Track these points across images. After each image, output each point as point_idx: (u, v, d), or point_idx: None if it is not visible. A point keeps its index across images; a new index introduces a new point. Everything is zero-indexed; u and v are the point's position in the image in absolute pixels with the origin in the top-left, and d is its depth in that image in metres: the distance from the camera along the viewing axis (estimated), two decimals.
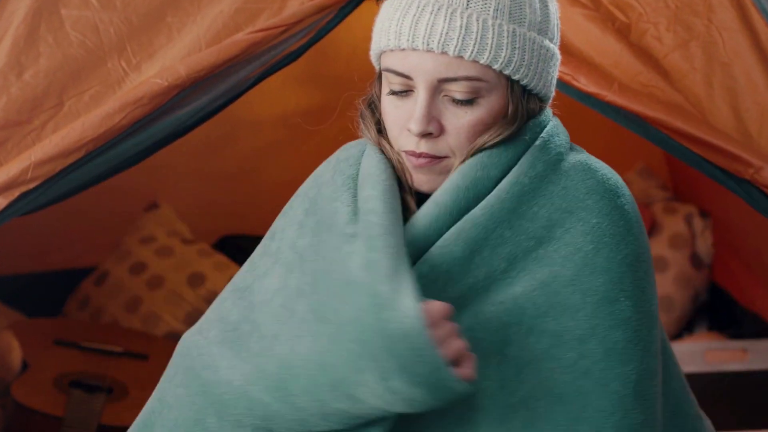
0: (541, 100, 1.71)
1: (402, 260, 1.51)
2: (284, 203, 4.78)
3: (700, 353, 3.22)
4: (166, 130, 2.16)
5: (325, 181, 1.73)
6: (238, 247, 4.07)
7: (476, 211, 1.62)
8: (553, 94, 1.73)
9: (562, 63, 2.16)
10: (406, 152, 1.65)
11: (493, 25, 1.59)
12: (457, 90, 1.60)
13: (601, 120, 3.59)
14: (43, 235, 3.73)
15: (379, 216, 1.57)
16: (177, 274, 3.85)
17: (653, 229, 3.97)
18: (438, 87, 1.61)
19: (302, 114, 3.93)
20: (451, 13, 1.59)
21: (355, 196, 1.66)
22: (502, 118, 1.65)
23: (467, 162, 1.65)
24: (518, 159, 1.67)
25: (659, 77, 2.21)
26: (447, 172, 1.65)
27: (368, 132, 1.72)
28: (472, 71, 1.60)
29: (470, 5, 1.60)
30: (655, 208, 4.05)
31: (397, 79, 1.62)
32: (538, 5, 1.66)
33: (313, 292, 1.57)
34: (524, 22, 1.63)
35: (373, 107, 1.73)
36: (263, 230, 4.34)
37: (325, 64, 3.61)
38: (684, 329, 3.89)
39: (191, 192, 4.07)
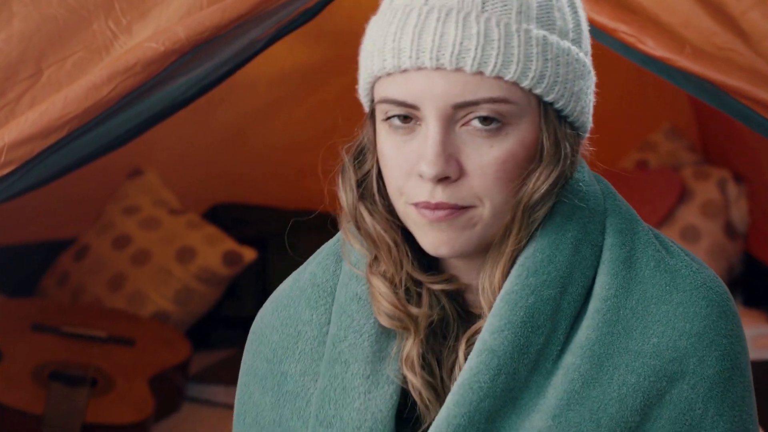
0: (578, 134, 1.40)
1: None
2: (280, 169, 4.65)
3: (750, 339, 3.01)
4: (163, 102, 2.02)
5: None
6: (231, 218, 3.99)
7: (575, 361, 1.34)
8: (590, 125, 1.42)
9: (626, 22, 2.00)
10: (417, 206, 1.33)
11: (518, 31, 1.30)
12: (478, 117, 1.30)
13: (624, 75, 3.42)
14: (14, 204, 3.50)
15: None
16: (164, 248, 3.74)
17: (684, 195, 3.84)
18: (453, 116, 1.30)
19: (300, 72, 3.83)
20: (464, 17, 1.29)
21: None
22: (539, 154, 1.35)
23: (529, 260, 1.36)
24: (579, 240, 1.38)
25: (737, 39, 2.02)
26: (473, 226, 1.33)
27: (344, 194, 1.41)
28: (496, 91, 1.29)
29: (486, 7, 1.30)
30: (685, 173, 3.93)
31: (398, 111, 1.32)
32: (567, 10, 1.37)
33: None
34: (554, 28, 1.34)
35: (361, 160, 1.42)
36: (258, 198, 4.25)
37: (325, 18, 3.38)
38: None
39: (178, 157, 3.95)
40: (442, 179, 1.30)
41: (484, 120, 1.29)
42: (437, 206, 1.31)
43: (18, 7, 1.98)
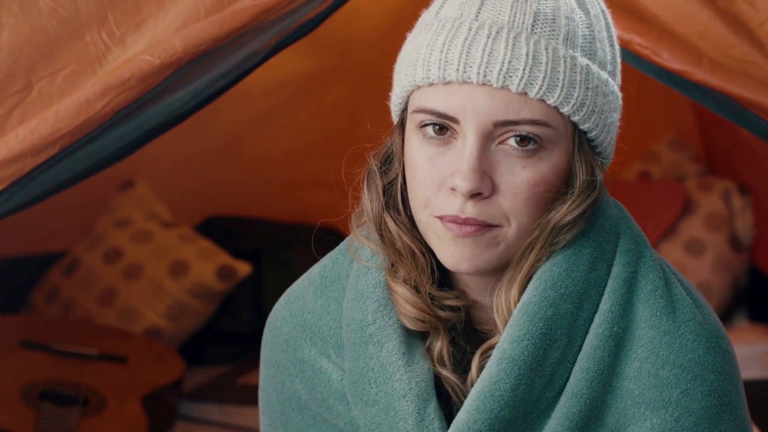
0: (602, 164, 1.44)
1: None
2: (276, 179, 4.60)
3: (759, 357, 3.04)
4: (159, 118, 1.98)
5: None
6: (225, 230, 3.95)
7: (571, 382, 1.37)
8: (612, 157, 1.47)
9: (640, 34, 1.98)
10: (442, 219, 1.36)
11: (564, 57, 1.33)
12: (517, 137, 1.33)
13: (625, 84, 3.36)
14: None
15: None
16: (157, 262, 3.70)
17: (688, 208, 3.81)
18: (492, 133, 1.33)
19: (296, 81, 3.80)
20: (514, 37, 1.32)
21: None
22: (571, 182, 1.38)
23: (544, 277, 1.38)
24: (592, 265, 1.40)
25: (755, 51, 1.98)
26: (496, 245, 1.36)
27: (370, 201, 1.44)
28: (537, 113, 1.32)
29: (536, 29, 1.34)
30: (688, 184, 3.89)
31: (435, 121, 1.35)
32: (607, 43, 1.41)
33: None
34: (596, 58, 1.37)
35: (387, 168, 1.46)
36: (253, 210, 4.21)
37: (323, 26, 3.34)
38: (722, 319, 3.63)
39: (171, 168, 3.91)
40: (474, 195, 1.32)
41: (522, 140, 1.32)
42: (465, 221, 1.33)
43: (7, 18, 1.94)
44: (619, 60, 1.43)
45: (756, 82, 1.93)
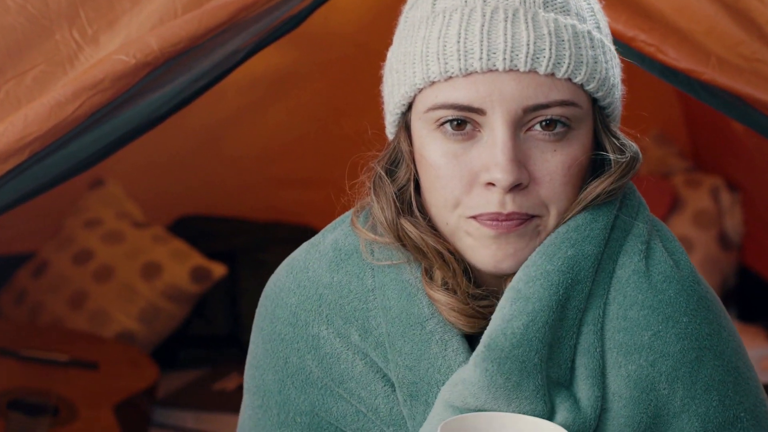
0: None
1: None
2: (251, 178, 4.53)
3: (755, 361, 2.96)
4: (135, 120, 1.96)
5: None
6: (199, 230, 3.95)
7: (587, 337, 1.35)
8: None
9: (645, 30, 1.97)
10: (478, 218, 1.33)
11: (582, 33, 1.33)
12: (542, 122, 1.32)
13: None
14: None
15: None
16: (128, 263, 3.70)
17: (675, 205, 3.79)
18: (521, 119, 1.31)
19: (272, 77, 3.79)
20: (532, 17, 1.30)
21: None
22: (593, 160, 1.37)
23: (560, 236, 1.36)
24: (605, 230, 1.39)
25: (765, 48, 1.96)
26: (537, 236, 1.35)
27: (382, 208, 1.39)
28: (566, 94, 1.31)
29: (548, 7, 1.32)
30: (675, 181, 3.88)
31: (457, 116, 1.32)
32: (603, 15, 1.41)
33: None
34: (602, 31, 1.37)
35: (394, 172, 1.43)
36: (227, 209, 4.17)
37: None
38: None
39: (143, 166, 3.88)
40: (514, 187, 1.30)
41: (548, 125, 1.30)
42: (508, 217, 1.31)
43: None
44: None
45: (766, 81, 1.91)
